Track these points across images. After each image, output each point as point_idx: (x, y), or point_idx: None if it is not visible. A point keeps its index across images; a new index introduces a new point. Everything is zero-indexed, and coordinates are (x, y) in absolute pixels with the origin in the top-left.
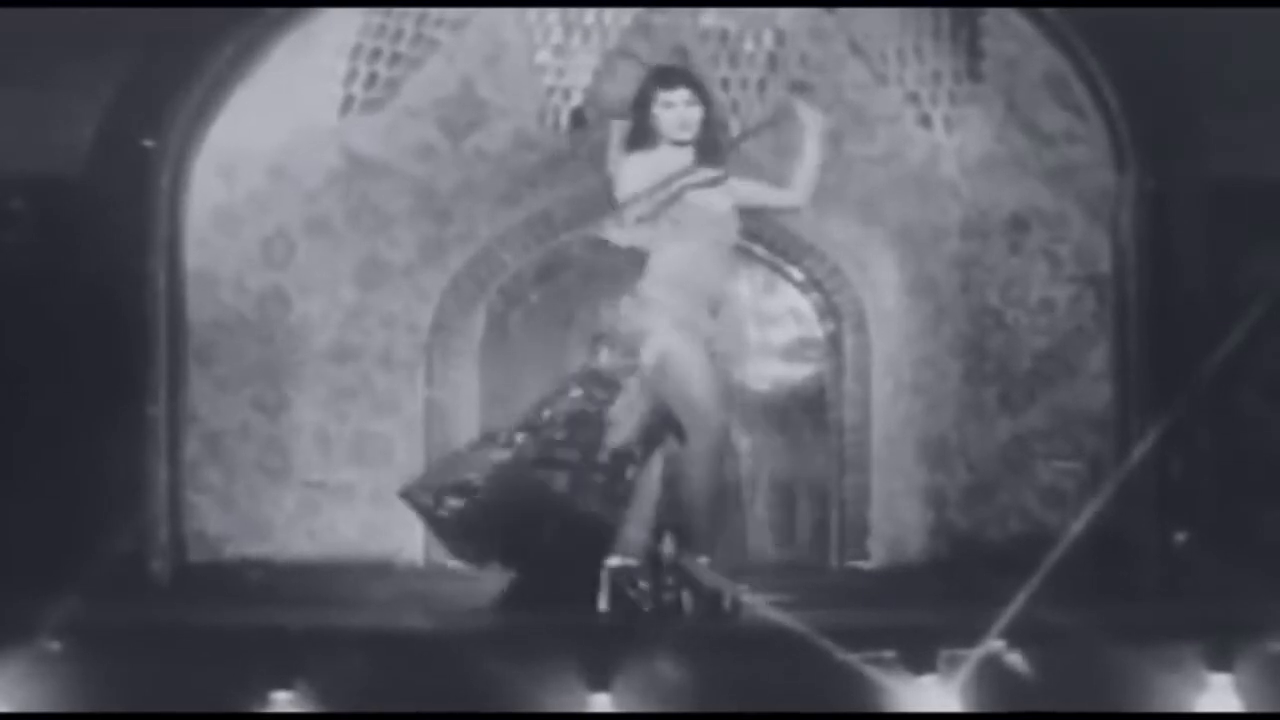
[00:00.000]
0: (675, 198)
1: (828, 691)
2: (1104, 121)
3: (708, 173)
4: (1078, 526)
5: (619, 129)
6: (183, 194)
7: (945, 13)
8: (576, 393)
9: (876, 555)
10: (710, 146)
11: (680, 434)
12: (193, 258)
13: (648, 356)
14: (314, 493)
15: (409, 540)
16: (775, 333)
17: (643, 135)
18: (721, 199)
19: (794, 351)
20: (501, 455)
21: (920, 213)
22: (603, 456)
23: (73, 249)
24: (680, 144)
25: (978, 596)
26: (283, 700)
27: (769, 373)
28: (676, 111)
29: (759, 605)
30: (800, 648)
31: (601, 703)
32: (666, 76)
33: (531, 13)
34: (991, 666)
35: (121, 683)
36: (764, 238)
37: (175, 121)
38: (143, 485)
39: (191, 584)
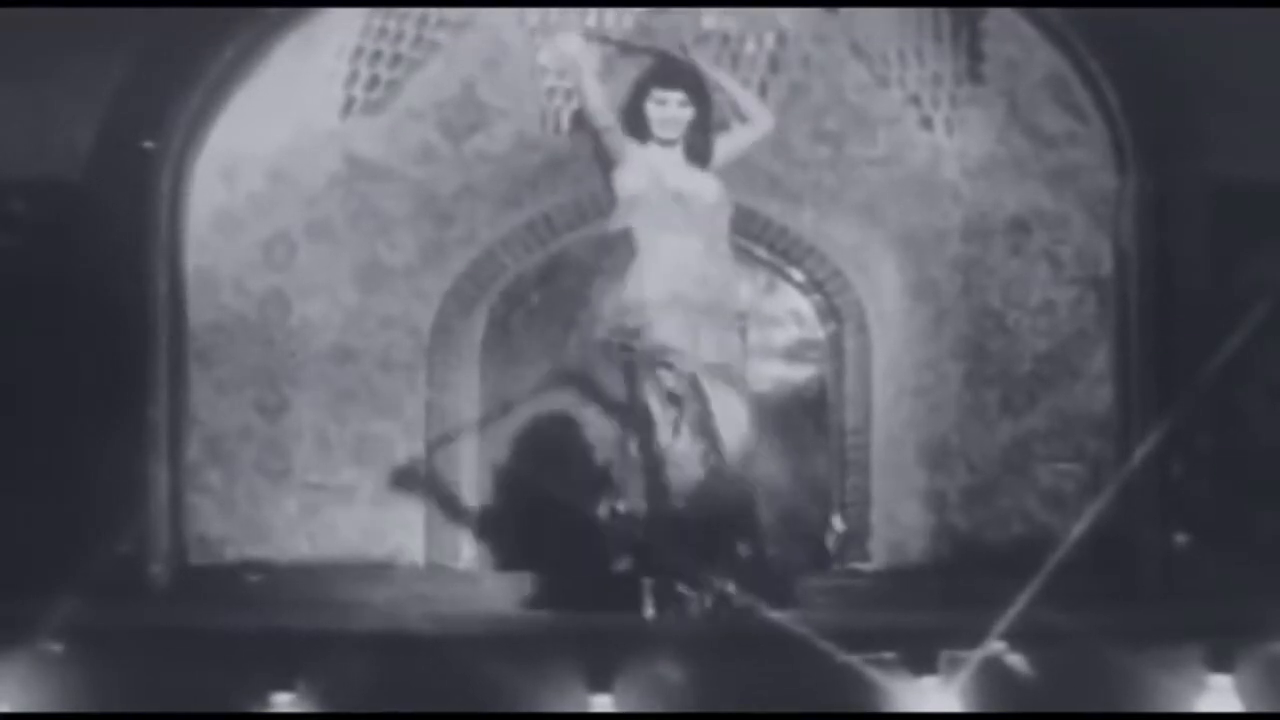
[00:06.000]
0: None
1: (829, 693)
2: (1105, 123)
3: None
4: (1079, 528)
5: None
6: (183, 196)
7: (946, 14)
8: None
9: (877, 557)
10: (698, 150)
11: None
12: (193, 260)
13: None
14: (314, 495)
15: (409, 542)
16: (776, 334)
17: (632, 125)
18: (709, 186)
19: (795, 353)
20: None
21: (921, 215)
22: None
23: (73, 252)
24: (666, 142)
25: (979, 598)
26: (283, 702)
27: (770, 374)
28: (666, 110)
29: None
30: (801, 649)
31: (603, 704)
32: (667, 75)
33: (532, 13)
34: (993, 668)
35: (122, 685)
36: (765, 239)
37: (175, 123)
38: (143, 487)
39: (192, 586)
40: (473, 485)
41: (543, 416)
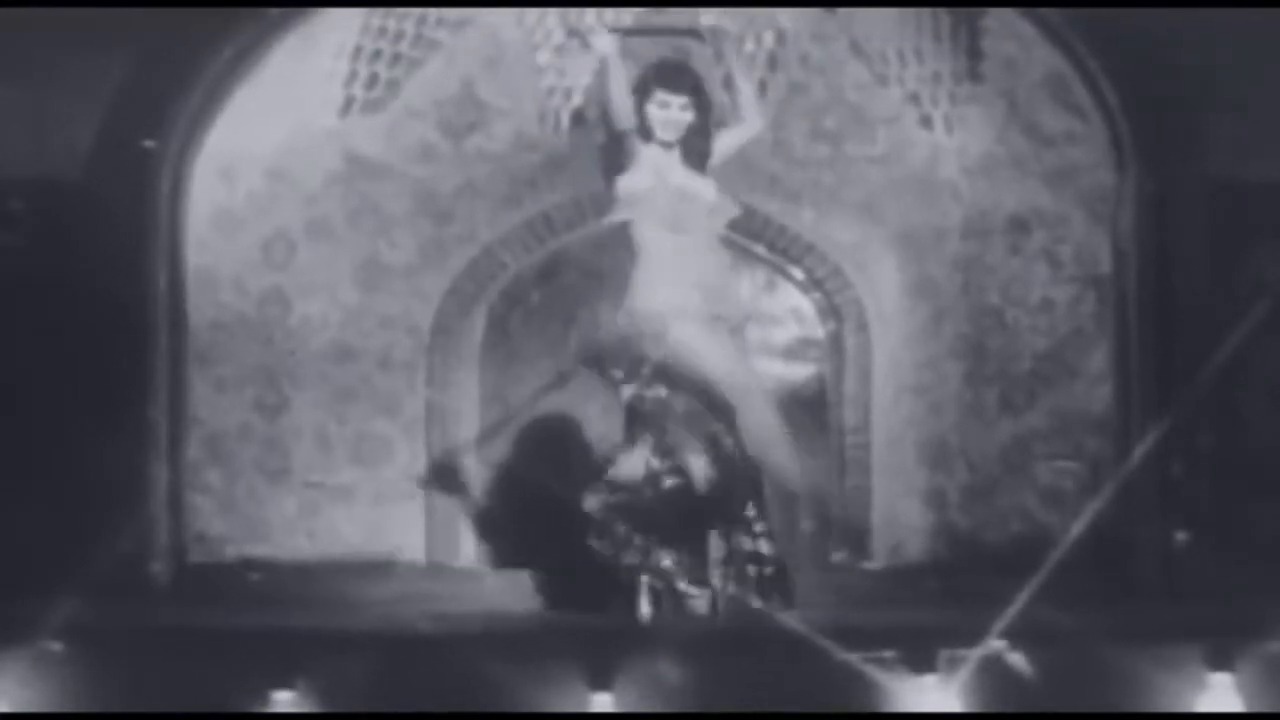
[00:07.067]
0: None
1: (828, 691)
2: (1104, 122)
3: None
4: (1078, 527)
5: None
6: (183, 196)
7: (945, 14)
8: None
9: (877, 556)
10: (696, 153)
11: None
12: (193, 259)
13: (664, 354)
14: (314, 494)
15: (409, 541)
16: (776, 333)
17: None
18: (708, 188)
19: (794, 352)
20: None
21: (921, 213)
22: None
23: (73, 251)
24: (665, 144)
25: (978, 597)
26: (283, 700)
27: (769, 373)
28: (669, 113)
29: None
30: (801, 648)
31: (603, 703)
32: (671, 77)
33: (531, 13)
34: (992, 667)
35: (122, 683)
36: (765, 237)
37: (175, 123)
38: (143, 486)
39: (192, 585)
40: (472, 483)
41: (543, 414)
